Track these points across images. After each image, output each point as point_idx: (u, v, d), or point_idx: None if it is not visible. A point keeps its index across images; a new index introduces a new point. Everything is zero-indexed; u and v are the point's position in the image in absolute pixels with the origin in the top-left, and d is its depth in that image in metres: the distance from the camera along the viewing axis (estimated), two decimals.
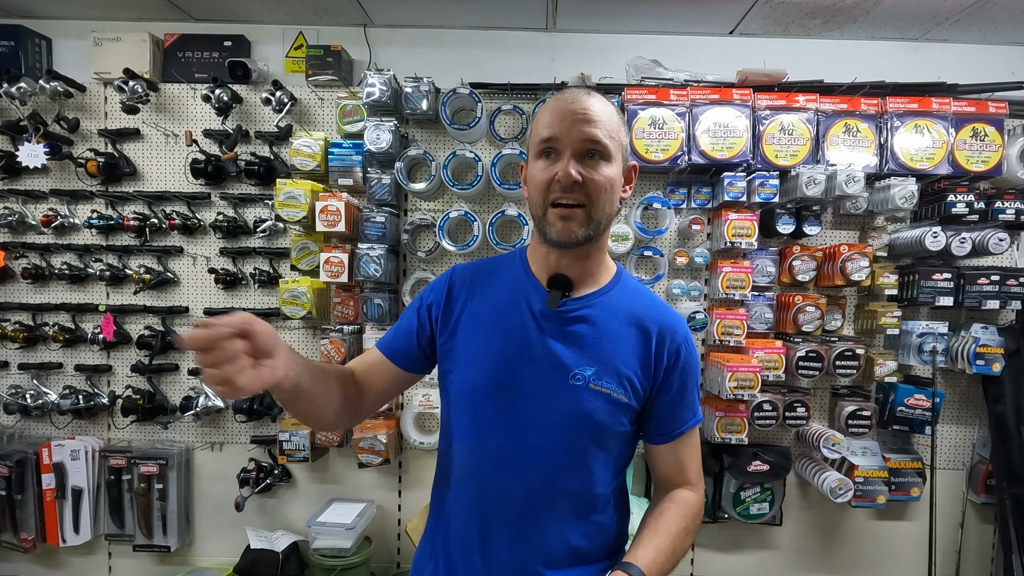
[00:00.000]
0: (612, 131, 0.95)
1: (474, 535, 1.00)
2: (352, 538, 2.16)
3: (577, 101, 0.94)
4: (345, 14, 2.34)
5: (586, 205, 0.94)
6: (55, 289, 2.41)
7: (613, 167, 0.95)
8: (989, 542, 2.39)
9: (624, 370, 0.98)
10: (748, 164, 2.18)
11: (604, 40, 2.40)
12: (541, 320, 0.99)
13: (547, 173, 0.94)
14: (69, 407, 2.32)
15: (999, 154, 2.15)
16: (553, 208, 0.94)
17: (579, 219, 0.94)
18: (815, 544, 2.41)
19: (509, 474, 0.98)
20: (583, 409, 0.96)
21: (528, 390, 0.97)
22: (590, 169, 0.93)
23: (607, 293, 1.02)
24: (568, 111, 0.93)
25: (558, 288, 0.99)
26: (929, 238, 2.11)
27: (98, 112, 2.37)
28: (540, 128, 0.96)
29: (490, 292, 1.05)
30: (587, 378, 0.97)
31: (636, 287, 1.07)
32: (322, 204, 2.11)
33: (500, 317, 1.02)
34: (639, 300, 1.04)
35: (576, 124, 0.92)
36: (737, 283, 2.16)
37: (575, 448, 0.98)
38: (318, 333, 2.37)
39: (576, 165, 0.92)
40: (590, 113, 0.93)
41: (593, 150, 0.93)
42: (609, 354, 0.98)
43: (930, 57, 2.36)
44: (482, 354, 1.00)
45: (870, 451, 2.30)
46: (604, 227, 0.98)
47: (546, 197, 0.95)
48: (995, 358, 2.15)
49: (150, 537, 2.34)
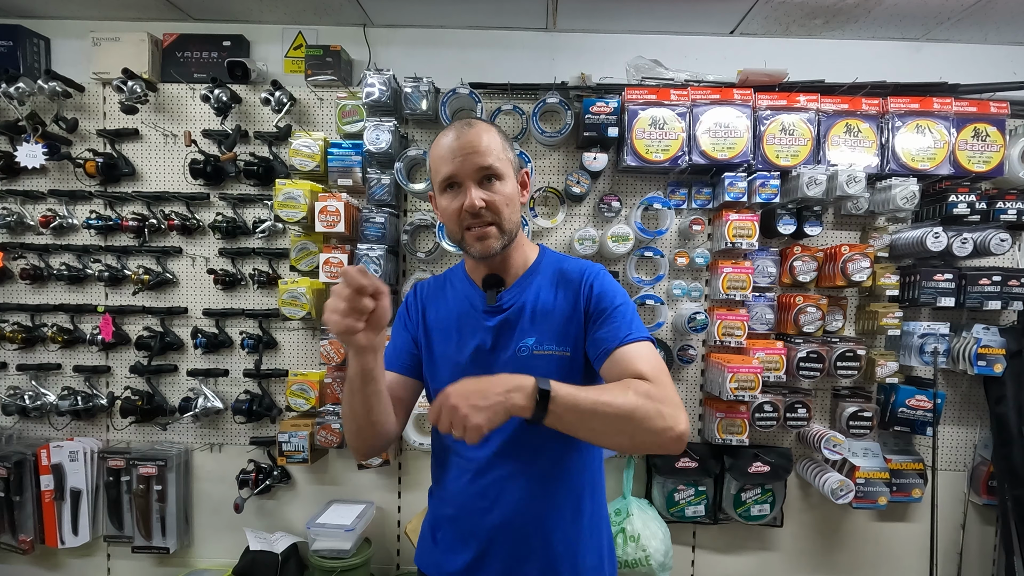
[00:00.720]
0: (499, 153, 1.08)
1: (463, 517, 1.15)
2: (352, 539, 2.16)
3: (463, 136, 1.07)
4: (344, 14, 2.33)
5: (495, 222, 1.08)
6: (53, 290, 2.40)
7: (508, 183, 1.10)
8: (991, 543, 2.38)
9: (563, 328, 1.10)
10: (749, 164, 2.17)
11: (604, 40, 2.39)
12: (486, 315, 1.15)
13: (455, 204, 1.08)
14: (68, 408, 2.31)
15: (1001, 154, 2.15)
16: (468, 231, 1.09)
17: (493, 235, 1.08)
18: (816, 545, 2.41)
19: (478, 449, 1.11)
20: (533, 373, 1.00)
21: (484, 370, 1.08)
22: (490, 191, 1.07)
23: (533, 274, 1.17)
24: (458, 147, 1.06)
25: (492, 287, 1.15)
26: (930, 239, 2.10)
27: (97, 112, 2.37)
28: (439, 166, 1.09)
29: (446, 301, 1.22)
30: (530, 347, 1.11)
31: (555, 257, 1.21)
32: (321, 204, 2.10)
33: (456, 319, 1.18)
34: (558, 264, 1.18)
35: (468, 157, 1.05)
36: (738, 284, 2.15)
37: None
38: (317, 334, 2.36)
39: (478, 192, 1.06)
40: (477, 144, 1.06)
41: (488, 175, 1.07)
42: (546, 320, 1.12)
43: (931, 57, 2.35)
44: (448, 354, 1.17)
45: (871, 452, 2.29)
46: (515, 231, 1.13)
47: (460, 224, 1.09)
48: (997, 359, 2.14)
49: (149, 539, 2.34)
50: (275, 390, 2.39)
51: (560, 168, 2.34)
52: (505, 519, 1.11)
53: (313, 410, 2.25)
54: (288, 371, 2.33)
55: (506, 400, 0.89)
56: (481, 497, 1.12)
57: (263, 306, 2.37)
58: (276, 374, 2.36)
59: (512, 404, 0.90)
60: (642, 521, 2.16)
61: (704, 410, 2.35)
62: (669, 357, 2.30)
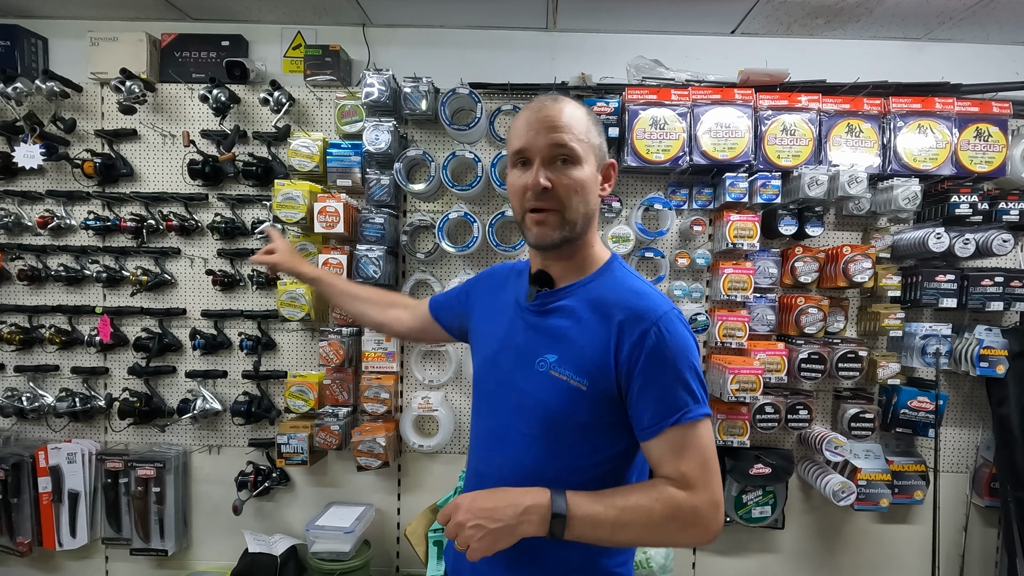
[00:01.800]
0: (580, 134, 0.98)
1: None
2: (351, 542, 2.15)
3: (543, 109, 0.98)
4: (344, 14, 2.32)
5: (559, 209, 0.98)
6: (51, 291, 2.39)
7: (584, 168, 0.98)
8: (993, 545, 2.37)
9: (587, 358, 0.98)
10: (750, 165, 2.16)
11: (605, 40, 2.38)
12: (522, 312, 1.08)
13: (521, 181, 0.99)
14: (65, 410, 2.30)
15: (1003, 154, 2.14)
16: (529, 214, 1.00)
17: (552, 223, 0.98)
18: (818, 548, 2.40)
19: (492, 451, 1.07)
20: (541, 395, 1.00)
21: (506, 375, 1.06)
22: (559, 174, 0.97)
23: (587, 284, 1.04)
24: (535, 120, 0.98)
25: (537, 283, 1.07)
26: (932, 239, 2.09)
27: (95, 112, 2.36)
28: (512, 139, 1.02)
29: (501, 289, 1.18)
30: (549, 364, 1.01)
31: (621, 277, 1.05)
32: (320, 205, 2.09)
33: (498, 310, 1.14)
34: (616, 288, 1.02)
35: (543, 132, 0.97)
36: (739, 284, 2.14)
37: (537, 433, 1.01)
38: (316, 335, 2.35)
39: (545, 172, 0.97)
40: (556, 120, 0.97)
41: (562, 155, 0.97)
42: (575, 342, 1.00)
43: (933, 57, 2.34)
44: (483, 342, 1.16)
45: (873, 454, 2.28)
46: (582, 226, 1.01)
47: (523, 204, 1.01)
48: (999, 360, 2.13)
49: (147, 541, 2.33)
50: (274, 391, 2.38)
51: None
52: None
53: (312, 412, 2.24)
54: (287, 372, 2.32)
55: (517, 525, 0.86)
56: None
57: (262, 307, 2.36)
58: (275, 375, 2.35)
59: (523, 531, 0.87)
60: None
61: None
62: None
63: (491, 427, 1.09)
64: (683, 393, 0.93)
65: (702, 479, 0.91)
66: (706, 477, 0.92)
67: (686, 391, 0.93)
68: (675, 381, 0.93)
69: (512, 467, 1.03)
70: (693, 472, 0.91)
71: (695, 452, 0.92)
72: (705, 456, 0.93)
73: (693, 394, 0.94)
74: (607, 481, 1.01)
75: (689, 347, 0.96)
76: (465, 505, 0.89)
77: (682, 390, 0.93)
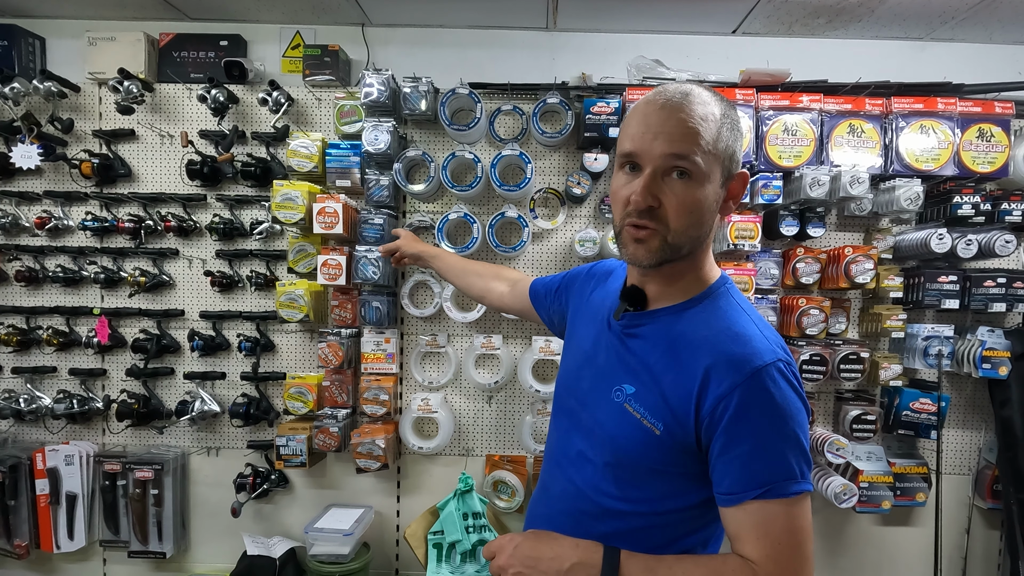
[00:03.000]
0: (708, 143, 0.81)
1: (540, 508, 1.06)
2: (350, 544, 2.13)
3: (670, 105, 0.81)
4: (343, 13, 2.31)
5: (660, 231, 0.83)
6: (49, 292, 2.38)
7: (705, 187, 0.83)
8: (996, 548, 2.36)
9: (665, 400, 0.85)
10: (751, 165, 2.15)
11: (605, 39, 2.37)
12: (609, 329, 0.99)
13: (626, 190, 0.85)
14: (63, 411, 2.28)
15: (1005, 155, 2.12)
16: (628, 228, 0.86)
17: (651, 246, 0.84)
18: (819, 550, 2.38)
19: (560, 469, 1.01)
20: (611, 428, 0.92)
21: (585, 393, 0.99)
22: (672, 191, 0.82)
23: (683, 312, 0.90)
24: (656, 119, 0.82)
25: (627, 300, 0.95)
26: (935, 240, 2.08)
27: (92, 113, 2.35)
28: (624, 136, 0.87)
29: (597, 292, 1.10)
30: (626, 396, 0.90)
31: (724, 309, 0.89)
32: (319, 206, 2.08)
33: (588, 319, 1.06)
34: (713, 323, 0.86)
35: (661, 138, 0.81)
36: (740, 285, 2.12)
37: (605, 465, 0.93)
38: (315, 336, 2.34)
39: (654, 187, 0.82)
40: (682, 124, 0.80)
41: (679, 168, 0.81)
42: (656, 378, 0.87)
43: (935, 57, 2.33)
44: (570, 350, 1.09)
45: (875, 456, 2.27)
46: (689, 249, 0.87)
47: (624, 215, 0.87)
48: (1002, 362, 2.12)
49: (145, 543, 2.31)
50: (273, 393, 2.37)
51: (561, 169, 2.32)
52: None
53: (311, 413, 2.23)
54: (286, 374, 2.31)
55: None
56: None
57: (261, 308, 2.34)
58: (274, 377, 2.34)
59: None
60: None
61: None
62: None
63: (563, 444, 1.02)
64: (777, 463, 0.78)
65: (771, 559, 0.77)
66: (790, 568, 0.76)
67: (780, 461, 0.78)
68: (767, 448, 0.78)
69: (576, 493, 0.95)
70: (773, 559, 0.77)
71: (782, 536, 0.77)
72: (794, 543, 0.77)
73: (788, 466, 0.78)
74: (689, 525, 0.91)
75: (791, 409, 0.79)
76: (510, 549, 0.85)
77: (776, 459, 0.78)
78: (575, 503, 0.95)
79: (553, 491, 1.02)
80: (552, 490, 1.03)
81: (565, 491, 0.99)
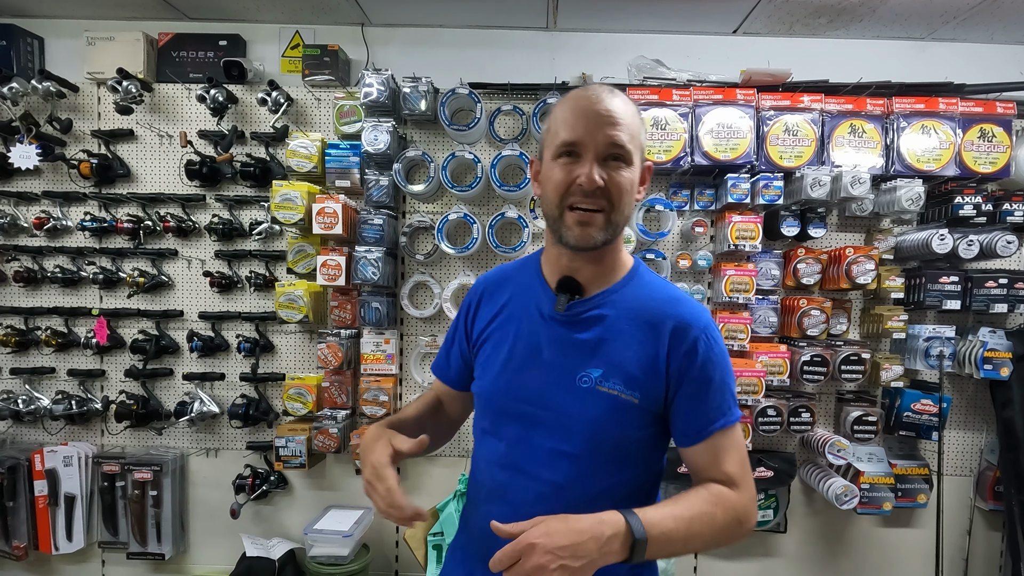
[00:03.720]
0: (635, 133, 0.93)
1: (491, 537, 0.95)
2: (350, 545, 2.13)
3: (602, 101, 0.91)
4: (342, 13, 2.30)
5: (606, 210, 0.92)
6: (47, 292, 2.37)
7: (633, 172, 0.94)
8: (997, 549, 2.35)
9: (634, 370, 0.94)
10: (752, 165, 2.15)
11: (606, 39, 2.36)
12: (550, 324, 0.99)
13: (567, 175, 0.91)
14: (62, 412, 2.28)
15: (1007, 155, 2.12)
16: (571, 211, 0.92)
17: (598, 224, 0.92)
18: (820, 552, 2.38)
19: (520, 475, 0.98)
20: (588, 413, 0.94)
21: (540, 393, 0.97)
22: (612, 172, 0.91)
23: (619, 291, 0.99)
24: (593, 112, 0.90)
25: (566, 291, 0.98)
26: (936, 241, 2.07)
27: (91, 113, 2.34)
28: (560, 128, 0.93)
29: (506, 299, 1.07)
30: (594, 380, 0.94)
31: (652, 281, 1.02)
32: (319, 206, 2.07)
33: (513, 323, 1.03)
34: (654, 294, 0.99)
35: (601, 127, 0.90)
36: (741, 286, 2.12)
37: (579, 453, 0.95)
38: (315, 337, 2.33)
39: (599, 169, 0.90)
40: (615, 115, 0.90)
41: (616, 154, 0.91)
42: (619, 354, 0.94)
43: (937, 57, 2.33)
44: (496, 361, 1.02)
45: (876, 457, 2.26)
46: (621, 229, 0.97)
47: (564, 199, 0.93)
48: (1003, 363, 2.12)
49: (144, 545, 2.31)
50: (272, 394, 2.36)
51: None
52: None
53: (310, 414, 2.22)
54: (285, 375, 2.30)
55: (599, 559, 0.79)
56: None
57: (260, 309, 2.34)
58: (273, 378, 2.33)
59: (604, 563, 0.80)
60: None
61: None
62: None
63: (522, 450, 0.99)
64: (728, 398, 0.95)
65: (744, 477, 0.94)
66: (746, 474, 0.94)
67: (730, 396, 0.96)
68: (721, 387, 0.94)
69: (556, 492, 0.96)
70: (736, 472, 0.93)
71: (736, 452, 0.95)
72: (743, 455, 0.96)
73: (734, 398, 0.97)
74: (652, 491, 1.02)
75: (726, 353, 0.98)
76: (542, 545, 0.78)
77: (727, 395, 0.95)
78: (557, 502, 0.93)
79: (520, 498, 0.98)
80: (518, 498, 0.98)
81: (542, 494, 0.96)
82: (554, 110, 0.97)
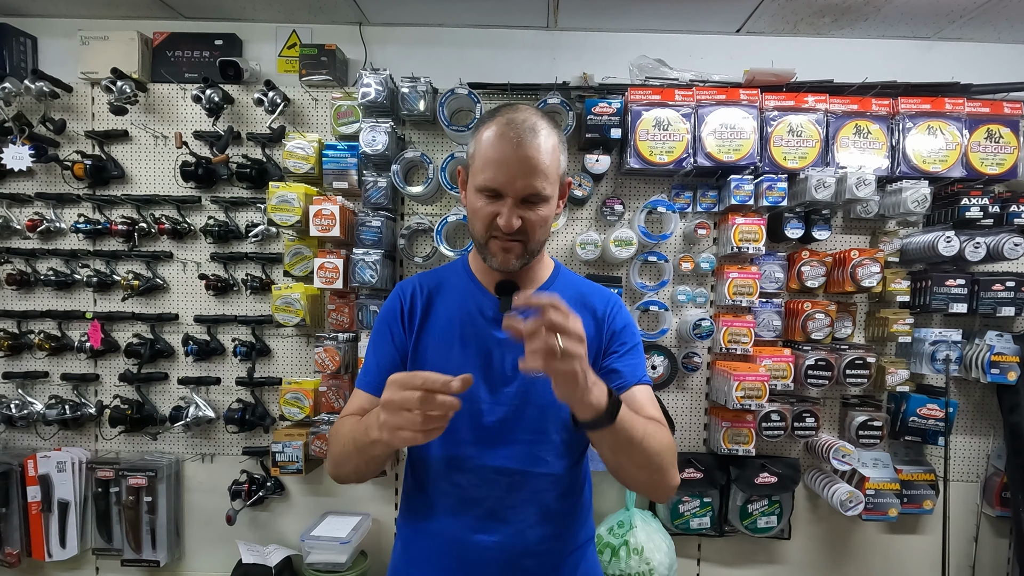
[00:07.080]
0: (553, 173, 1.00)
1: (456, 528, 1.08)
2: (347, 552, 2.10)
3: (522, 146, 0.95)
4: (340, 12, 2.27)
5: (524, 241, 1.02)
6: (40, 295, 2.34)
7: (551, 204, 1.03)
8: (1004, 556, 2.32)
9: (589, 347, 1.03)
10: (755, 167, 2.12)
11: (607, 39, 2.33)
12: (496, 325, 1.06)
13: (489, 211, 1.00)
14: (55, 417, 2.25)
15: (1014, 156, 2.09)
16: (494, 239, 1.02)
17: (517, 252, 1.02)
18: (825, 559, 2.35)
19: (481, 470, 1.06)
20: (544, 400, 1.04)
21: (515, 397, 1.06)
22: (529, 211, 0.99)
23: (551, 286, 1.14)
24: (514, 159, 0.95)
25: (506, 293, 1.04)
26: (942, 243, 2.05)
27: (85, 113, 2.31)
28: (484, 166, 0.98)
29: (442, 303, 1.12)
30: None
31: (573, 277, 1.20)
32: (316, 208, 2.04)
33: (457, 326, 1.09)
34: (579, 286, 1.17)
35: (521, 176, 0.96)
36: (744, 289, 2.10)
37: (562, 439, 1.07)
38: (312, 341, 2.30)
39: (516, 211, 0.98)
40: (534, 162, 0.96)
41: (533, 198, 0.99)
42: None
43: (943, 56, 2.30)
44: (444, 365, 1.05)
45: (881, 463, 2.24)
46: (539, 250, 1.08)
47: (488, 230, 1.02)
48: (1010, 367, 2.09)
49: (139, 551, 2.27)
50: (268, 399, 2.33)
51: None
52: None
53: (307, 419, 2.19)
54: (282, 379, 2.27)
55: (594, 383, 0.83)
56: None
57: (256, 312, 2.31)
58: (269, 382, 2.30)
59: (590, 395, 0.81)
60: (646, 533, 2.10)
61: (709, 419, 2.29)
62: (673, 365, 2.24)
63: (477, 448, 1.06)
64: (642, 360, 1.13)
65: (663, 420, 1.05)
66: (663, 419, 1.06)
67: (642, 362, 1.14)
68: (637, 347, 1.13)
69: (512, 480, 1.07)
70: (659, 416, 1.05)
71: (655, 407, 1.07)
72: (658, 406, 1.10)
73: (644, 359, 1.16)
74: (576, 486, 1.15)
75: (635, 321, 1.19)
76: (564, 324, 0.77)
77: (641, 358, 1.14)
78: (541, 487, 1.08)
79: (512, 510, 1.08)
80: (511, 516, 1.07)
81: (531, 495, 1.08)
82: (480, 134, 1.01)
